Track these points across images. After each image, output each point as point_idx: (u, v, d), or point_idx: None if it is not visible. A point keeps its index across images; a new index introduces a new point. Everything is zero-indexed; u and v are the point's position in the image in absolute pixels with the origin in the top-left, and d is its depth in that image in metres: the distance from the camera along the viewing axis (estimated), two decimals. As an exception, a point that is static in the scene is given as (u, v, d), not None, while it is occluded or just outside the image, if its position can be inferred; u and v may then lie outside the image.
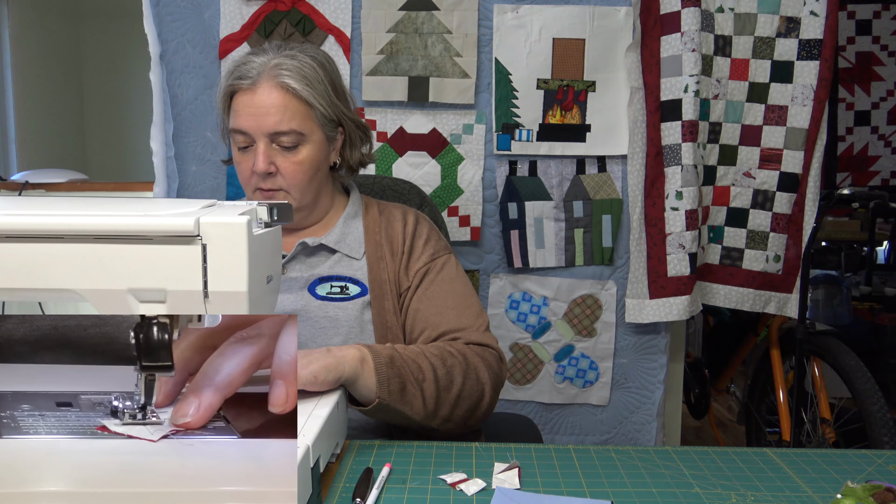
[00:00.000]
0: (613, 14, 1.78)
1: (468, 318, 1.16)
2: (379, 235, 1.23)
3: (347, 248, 1.21)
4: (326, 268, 1.20)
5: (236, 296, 0.73)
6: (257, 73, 1.11)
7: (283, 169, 1.14)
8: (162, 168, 1.77)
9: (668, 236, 1.80)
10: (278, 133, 1.12)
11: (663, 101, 1.78)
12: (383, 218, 1.25)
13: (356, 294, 1.18)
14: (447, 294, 1.18)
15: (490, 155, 1.82)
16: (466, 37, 1.77)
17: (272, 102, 1.11)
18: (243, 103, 1.12)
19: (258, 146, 1.12)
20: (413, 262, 1.21)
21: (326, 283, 1.19)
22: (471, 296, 1.20)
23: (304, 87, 1.12)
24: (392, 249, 1.22)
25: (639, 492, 0.84)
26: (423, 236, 1.24)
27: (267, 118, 1.11)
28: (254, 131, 1.12)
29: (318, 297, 1.18)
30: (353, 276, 1.20)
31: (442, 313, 1.16)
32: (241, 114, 1.12)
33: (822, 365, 2.08)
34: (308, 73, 1.13)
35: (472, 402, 1.07)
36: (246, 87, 1.12)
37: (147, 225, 0.71)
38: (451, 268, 1.22)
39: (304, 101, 1.12)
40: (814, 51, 1.77)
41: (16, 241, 0.71)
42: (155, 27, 1.72)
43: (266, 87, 1.11)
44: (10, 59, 3.49)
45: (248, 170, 1.15)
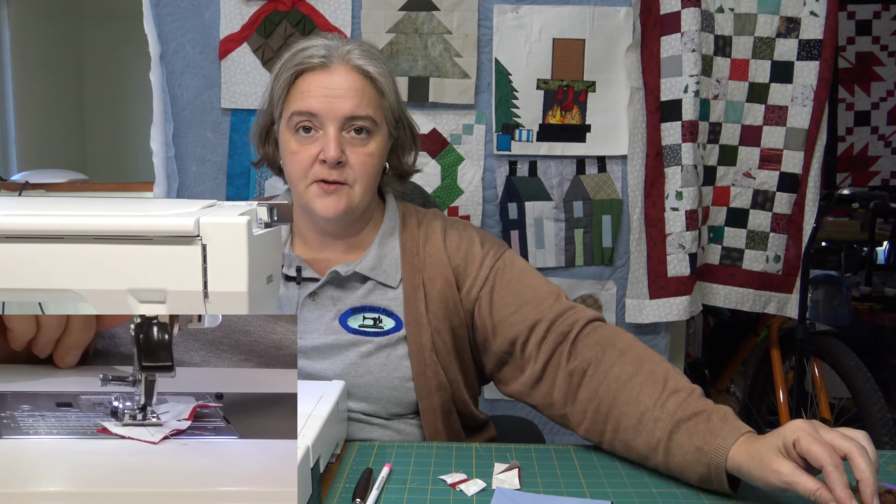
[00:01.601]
0: (613, 14, 1.78)
1: (562, 301, 1.06)
2: (417, 258, 1.10)
3: (383, 276, 1.09)
4: (359, 297, 1.08)
5: (236, 296, 0.73)
6: (329, 53, 1.02)
7: (353, 160, 1.03)
8: (162, 168, 1.77)
9: (668, 236, 1.80)
10: (354, 118, 1.02)
11: (663, 102, 1.78)
12: (422, 231, 1.13)
13: (390, 329, 1.08)
14: (533, 286, 1.08)
15: (490, 155, 1.82)
16: (466, 37, 1.77)
17: (350, 85, 1.02)
18: (315, 83, 1.02)
19: (328, 131, 1.01)
20: (471, 276, 1.09)
21: (359, 315, 1.08)
22: (542, 276, 1.11)
23: (380, 75, 1.04)
24: (432, 273, 1.09)
25: (639, 492, 0.84)
26: (476, 241, 1.12)
27: (344, 101, 1.01)
28: (326, 113, 1.01)
29: (349, 330, 1.07)
30: (388, 307, 1.08)
31: (539, 304, 1.05)
32: (312, 94, 1.01)
33: (822, 365, 2.08)
34: (381, 62, 1.06)
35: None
36: (318, 65, 1.02)
37: (147, 225, 0.71)
38: (519, 260, 1.12)
39: (380, 89, 1.05)
40: (814, 51, 1.77)
41: (16, 242, 0.71)
42: (155, 27, 1.72)
43: (342, 69, 1.02)
44: (10, 59, 3.49)
45: (311, 158, 1.02)
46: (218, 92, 1.77)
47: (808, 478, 0.73)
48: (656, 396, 0.90)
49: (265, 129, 1.11)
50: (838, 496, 0.70)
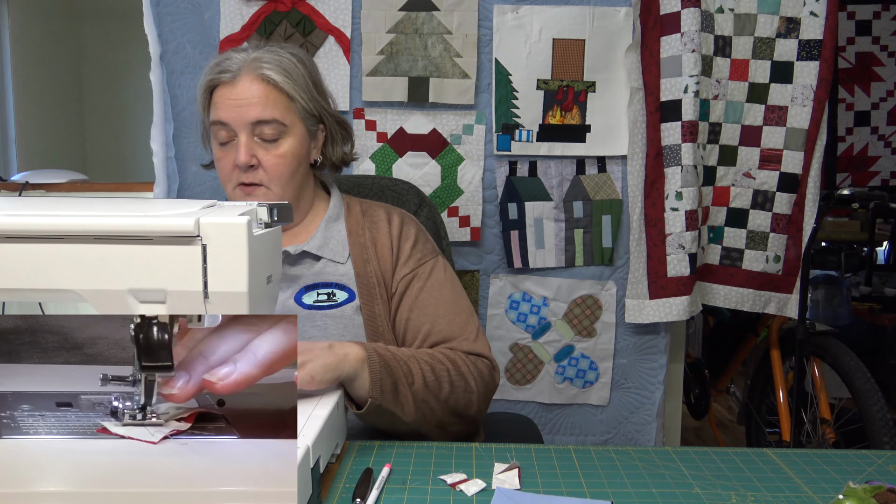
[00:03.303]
0: (613, 14, 1.78)
1: (459, 325, 1.14)
2: (363, 237, 1.20)
3: (331, 253, 1.18)
4: (311, 275, 1.17)
5: (236, 296, 0.73)
6: (238, 67, 1.12)
7: (265, 162, 1.12)
8: (162, 168, 1.77)
9: (668, 237, 1.80)
10: (260, 122, 1.11)
11: (663, 102, 1.78)
12: (367, 219, 1.23)
13: (344, 300, 1.16)
14: (437, 301, 1.16)
15: (490, 155, 1.82)
16: (466, 37, 1.77)
17: (253, 93, 1.11)
18: (224, 96, 1.12)
19: (240, 138, 1.11)
20: (399, 267, 1.19)
21: (312, 292, 1.16)
22: (461, 300, 1.18)
23: (285, 79, 1.12)
24: (378, 252, 1.19)
25: (639, 492, 0.84)
26: (410, 239, 1.21)
27: (249, 109, 1.10)
28: (235, 122, 1.11)
29: (304, 306, 1.15)
30: (340, 281, 1.17)
31: (434, 322, 1.14)
32: (222, 106, 1.12)
33: (822, 365, 2.08)
34: (288, 67, 1.13)
35: (460, 408, 1.06)
36: (227, 80, 1.12)
37: (147, 225, 0.71)
38: (440, 272, 1.20)
39: (286, 93, 1.13)
40: (814, 51, 1.77)
41: (16, 242, 0.71)
42: (155, 27, 1.72)
43: (247, 80, 1.11)
44: (10, 59, 3.49)
45: (229, 165, 1.13)
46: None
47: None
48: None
49: (204, 134, 1.24)
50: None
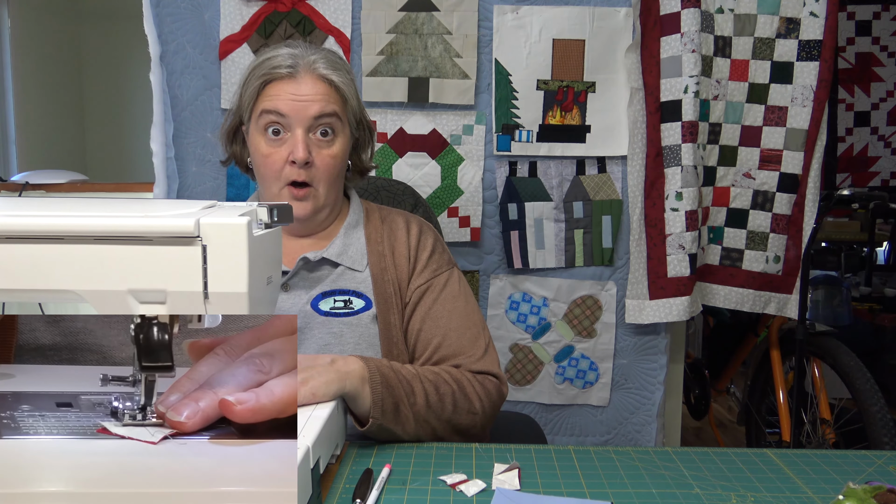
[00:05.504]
0: (613, 15, 1.78)
1: (469, 340, 1.14)
2: (381, 245, 1.19)
3: (350, 261, 1.17)
4: (329, 282, 1.16)
5: (236, 297, 0.73)
6: (295, 63, 1.10)
7: (318, 160, 1.11)
8: (162, 169, 1.77)
9: (668, 237, 1.80)
10: (321, 116, 1.09)
11: (663, 102, 1.78)
12: (386, 226, 1.22)
13: (360, 308, 1.15)
14: (450, 314, 1.16)
15: (490, 156, 1.82)
16: (466, 38, 1.77)
17: (317, 90, 1.09)
18: (284, 90, 1.09)
19: (296, 134, 1.09)
20: (415, 277, 1.18)
21: (329, 298, 1.15)
22: (473, 313, 1.18)
23: (343, 83, 1.12)
24: (396, 260, 1.18)
25: (639, 493, 0.84)
26: (428, 249, 1.20)
27: (311, 105, 1.09)
28: (294, 115, 1.09)
29: (321, 312, 1.14)
30: (357, 289, 1.16)
31: (445, 335, 1.14)
32: (282, 98, 1.09)
33: (822, 365, 2.08)
34: (344, 70, 1.14)
35: (462, 428, 1.06)
36: (285, 74, 1.09)
37: (147, 226, 0.71)
38: (454, 285, 1.19)
39: (343, 95, 1.13)
40: (813, 52, 1.77)
41: (16, 242, 0.71)
42: (155, 28, 1.72)
43: (309, 78, 1.10)
44: (10, 59, 3.50)
45: (280, 161, 1.10)
46: (218, 92, 1.77)
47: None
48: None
49: (233, 129, 1.20)
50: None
